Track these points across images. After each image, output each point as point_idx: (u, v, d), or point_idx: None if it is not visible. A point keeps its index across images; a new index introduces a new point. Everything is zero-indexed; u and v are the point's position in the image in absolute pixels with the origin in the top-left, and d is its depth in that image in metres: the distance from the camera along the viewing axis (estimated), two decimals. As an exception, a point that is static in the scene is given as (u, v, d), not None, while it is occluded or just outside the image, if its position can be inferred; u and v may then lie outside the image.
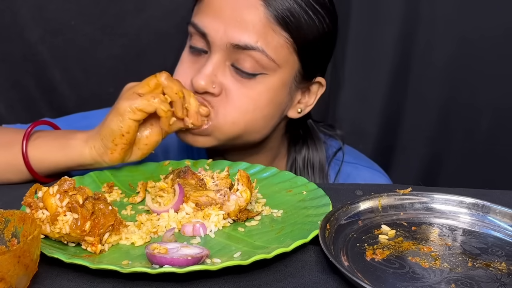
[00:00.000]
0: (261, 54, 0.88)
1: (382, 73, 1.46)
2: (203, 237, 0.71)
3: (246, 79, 0.90)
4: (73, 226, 0.64)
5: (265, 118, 0.94)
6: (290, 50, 0.91)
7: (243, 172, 0.76)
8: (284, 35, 0.89)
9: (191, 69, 0.93)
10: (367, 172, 1.12)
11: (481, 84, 1.45)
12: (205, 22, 0.90)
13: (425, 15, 1.41)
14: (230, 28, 0.88)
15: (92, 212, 0.66)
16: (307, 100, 1.00)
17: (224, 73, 0.90)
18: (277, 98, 0.93)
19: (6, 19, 1.27)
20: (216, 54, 0.90)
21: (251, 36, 0.87)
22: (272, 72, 0.90)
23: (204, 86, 0.88)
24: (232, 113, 0.90)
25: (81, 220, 0.65)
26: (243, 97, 0.90)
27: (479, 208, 0.77)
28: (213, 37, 0.89)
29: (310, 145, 1.07)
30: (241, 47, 0.88)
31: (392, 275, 0.62)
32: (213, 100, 0.90)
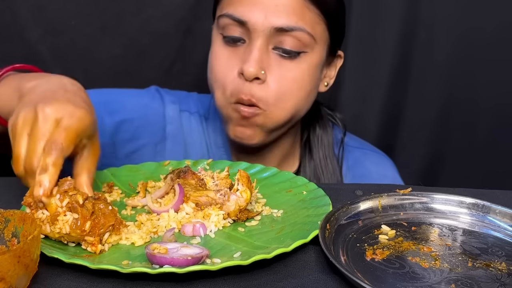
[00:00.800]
0: (302, 33, 0.93)
1: (382, 72, 1.46)
2: (203, 237, 0.71)
3: (289, 60, 0.95)
4: (73, 226, 0.64)
5: (308, 96, 0.99)
6: (323, 26, 0.96)
7: (243, 172, 0.76)
8: (316, 11, 0.94)
9: (232, 61, 0.96)
10: (374, 157, 1.17)
11: (481, 83, 1.45)
12: (244, 11, 0.93)
13: (425, 15, 1.41)
14: (270, 13, 0.92)
15: (92, 212, 0.66)
16: (329, 73, 1.06)
17: (268, 57, 0.94)
18: (316, 74, 0.99)
19: (6, 19, 1.27)
20: (259, 40, 0.93)
21: (291, 17, 0.92)
22: (311, 49, 0.95)
23: (254, 73, 0.92)
24: (280, 100, 0.95)
25: (81, 220, 0.65)
26: (288, 80, 0.95)
27: (479, 208, 0.77)
28: (254, 23, 0.92)
29: (321, 125, 1.12)
30: (284, 29, 0.92)
31: (392, 275, 0.62)
32: (259, 89, 0.93)
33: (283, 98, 0.95)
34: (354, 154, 1.14)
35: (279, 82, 0.94)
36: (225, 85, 0.96)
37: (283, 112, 0.96)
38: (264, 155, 1.07)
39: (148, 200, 0.78)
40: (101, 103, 1.00)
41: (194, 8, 1.34)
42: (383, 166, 1.16)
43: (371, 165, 1.14)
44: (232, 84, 0.95)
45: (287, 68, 0.94)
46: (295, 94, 0.96)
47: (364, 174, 1.13)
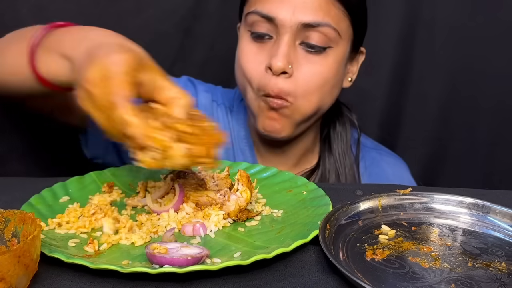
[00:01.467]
0: (329, 28, 0.95)
1: (383, 73, 1.46)
2: (203, 237, 0.71)
3: (315, 55, 0.96)
4: (186, 155, 0.65)
5: (333, 90, 1.02)
6: (347, 22, 0.99)
7: (243, 172, 0.76)
8: (341, 8, 0.97)
9: (259, 56, 0.98)
10: (390, 158, 1.20)
11: (481, 84, 1.45)
12: (272, 8, 0.95)
13: (425, 15, 1.41)
14: (298, 9, 0.94)
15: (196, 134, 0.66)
16: (352, 68, 1.08)
17: (296, 52, 0.96)
18: (340, 69, 1.01)
19: (7, 19, 1.27)
20: (286, 35, 0.95)
21: (318, 13, 0.94)
22: (336, 45, 0.98)
23: (282, 67, 0.94)
24: (307, 92, 0.97)
25: (192, 147, 0.65)
26: (315, 74, 0.97)
27: (479, 208, 0.77)
28: (282, 20, 0.94)
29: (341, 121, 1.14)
30: (311, 25, 0.94)
31: (392, 275, 0.62)
32: (286, 83, 0.96)
33: (310, 91, 0.97)
34: (371, 155, 1.17)
35: (306, 76, 0.97)
36: (253, 79, 0.99)
37: (310, 104, 0.98)
38: (286, 150, 1.09)
39: (148, 200, 0.78)
40: None
41: (194, 8, 1.34)
42: (398, 167, 1.19)
43: (387, 166, 1.17)
44: (260, 79, 0.97)
45: (313, 62, 0.97)
46: (321, 87, 0.98)
47: (381, 175, 1.15)
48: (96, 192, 0.82)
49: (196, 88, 1.13)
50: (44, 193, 0.79)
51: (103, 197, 0.80)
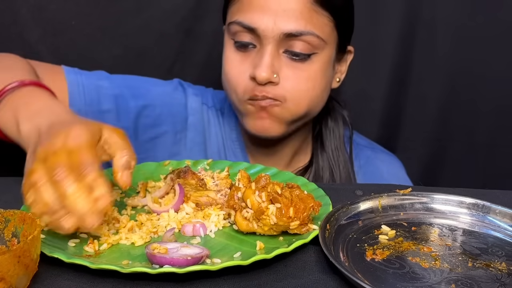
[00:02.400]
0: (312, 36, 0.95)
1: (382, 73, 1.46)
2: (203, 237, 0.71)
3: (300, 62, 0.97)
4: (278, 215, 0.67)
5: (322, 93, 1.02)
6: (332, 26, 0.98)
7: (244, 173, 0.76)
8: (324, 13, 0.96)
9: (243, 65, 0.98)
10: (384, 156, 1.21)
11: (481, 84, 1.45)
12: (254, 19, 0.95)
13: (425, 15, 1.41)
14: (279, 19, 0.93)
15: (291, 199, 0.68)
16: (340, 68, 1.08)
17: (280, 61, 0.96)
18: (327, 72, 1.01)
19: (6, 19, 1.27)
20: (269, 45, 0.95)
21: (300, 22, 0.94)
22: (321, 50, 0.97)
23: (267, 77, 0.94)
24: (296, 94, 0.97)
25: (284, 208, 0.67)
26: (302, 80, 0.97)
27: (479, 208, 0.77)
28: (264, 30, 0.94)
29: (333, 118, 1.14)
30: (293, 35, 0.94)
31: (392, 275, 0.62)
32: (274, 89, 0.96)
33: (298, 96, 0.97)
34: (365, 153, 1.17)
35: (292, 82, 0.97)
36: (238, 87, 0.99)
37: (299, 107, 0.99)
38: (278, 150, 1.09)
39: (148, 200, 0.78)
40: (127, 86, 1.05)
41: (194, 8, 1.34)
42: (393, 165, 1.19)
43: (382, 164, 1.17)
44: (245, 87, 0.98)
45: (299, 69, 0.97)
46: (309, 92, 0.98)
47: (375, 173, 1.15)
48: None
49: (185, 92, 1.12)
50: (44, 193, 0.79)
51: None
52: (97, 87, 1.02)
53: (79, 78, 1.02)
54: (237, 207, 0.70)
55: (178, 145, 1.09)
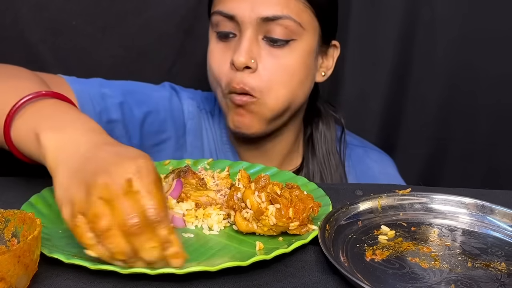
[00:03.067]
0: (289, 20, 0.95)
1: (382, 73, 1.46)
2: (202, 235, 0.71)
3: (278, 48, 0.97)
4: (278, 216, 0.67)
5: (301, 84, 1.01)
6: (310, 14, 0.99)
7: (244, 173, 0.76)
8: (302, 0, 0.97)
9: (225, 55, 0.99)
10: (375, 155, 1.20)
11: (481, 84, 1.45)
12: (232, 6, 0.96)
13: (424, 15, 1.41)
14: (257, 5, 0.95)
15: (290, 200, 0.69)
16: (327, 63, 1.08)
17: (259, 47, 0.97)
18: (308, 62, 1.00)
19: (7, 19, 1.27)
20: (248, 31, 0.96)
21: (276, 7, 0.95)
22: (299, 37, 0.97)
23: (244, 62, 0.95)
24: (273, 87, 0.97)
25: (284, 209, 0.67)
26: (279, 68, 0.97)
27: (478, 208, 0.77)
28: (242, 16, 0.95)
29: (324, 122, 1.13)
30: (270, 19, 0.95)
31: (392, 276, 0.63)
32: (251, 79, 0.96)
33: (276, 86, 0.97)
34: (356, 152, 1.16)
35: (270, 70, 0.97)
36: (221, 78, 1.00)
37: (277, 100, 0.98)
38: (268, 150, 1.09)
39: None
40: (129, 92, 1.04)
41: (194, 8, 1.34)
42: (385, 164, 1.19)
43: (373, 163, 1.16)
44: (226, 77, 0.98)
45: (277, 56, 0.97)
46: (287, 81, 0.98)
47: (367, 172, 1.14)
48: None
49: (179, 96, 1.11)
50: (44, 193, 0.79)
51: None
52: (103, 95, 1.00)
53: (83, 87, 0.98)
54: (236, 207, 0.70)
55: (180, 150, 1.09)
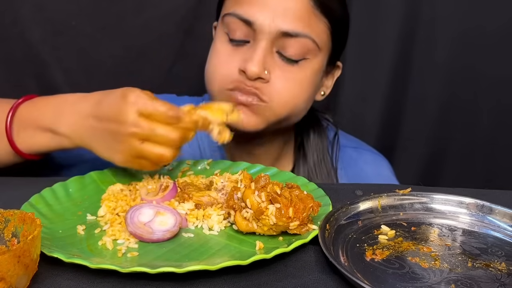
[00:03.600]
0: (308, 40, 0.93)
1: (383, 72, 1.46)
2: (202, 235, 0.71)
3: (291, 65, 0.94)
4: (278, 215, 0.67)
5: (307, 101, 1.00)
6: (328, 34, 0.97)
7: (246, 173, 0.76)
8: (324, 20, 0.94)
9: (234, 59, 0.95)
10: (368, 156, 1.17)
11: (481, 83, 1.45)
12: (252, 12, 0.92)
13: (425, 15, 1.41)
14: (278, 16, 0.91)
15: (290, 199, 0.69)
16: (327, 82, 1.06)
17: (273, 59, 0.94)
18: (316, 81, 0.99)
19: (7, 19, 1.27)
20: (264, 41, 0.92)
21: (298, 23, 0.92)
22: (313, 57, 0.95)
23: (257, 72, 0.91)
24: (284, 94, 0.95)
25: (284, 208, 0.67)
26: (291, 81, 0.95)
27: (478, 208, 0.77)
28: (261, 25, 0.92)
29: (316, 130, 1.12)
30: (290, 34, 0.92)
31: (392, 276, 0.63)
32: (263, 86, 0.93)
33: (286, 99, 0.95)
34: (348, 154, 1.14)
35: (283, 82, 0.94)
36: (224, 76, 0.95)
37: (283, 110, 0.95)
38: (258, 156, 1.07)
39: (142, 191, 0.78)
40: None
41: (194, 8, 1.34)
42: (378, 165, 1.17)
43: (365, 164, 1.15)
44: (233, 80, 0.94)
45: (290, 72, 0.94)
46: (297, 95, 0.96)
47: (359, 174, 1.13)
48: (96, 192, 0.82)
49: None
50: (44, 193, 0.79)
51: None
52: None
53: None
54: (236, 207, 0.70)
55: None
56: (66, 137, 0.83)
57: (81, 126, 0.81)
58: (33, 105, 0.88)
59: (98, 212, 0.75)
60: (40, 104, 0.88)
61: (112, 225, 0.72)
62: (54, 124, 0.83)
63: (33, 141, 0.86)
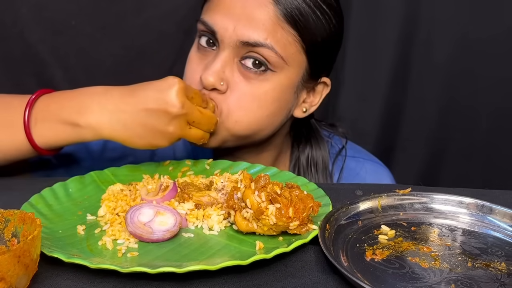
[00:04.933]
0: (270, 51, 0.89)
1: (382, 73, 1.47)
2: (202, 235, 0.71)
3: (253, 75, 0.90)
4: (278, 215, 0.67)
5: (270, 117, 0.94)
6: (299, 48, 0.92)
7: (246, 173, 0.76)
8: (293, 33, 0.90)
9: (199, 66, 0.94)
10: (369, 165, 1.14)
11: (481, 84, 1.46)
12: (215, 20, 0.90)
13: (425, 15, 1.41)
14: (240, 26, 0.88)
15: (290, 199, 0.69)
16: (312, 99, 1.01)
17: (232, 69, 0.91)
18: (283, 96, 0.94)
19: (6, 19, 1.27)
20: (225, 51, 0.90)
21: (260, 33, 0.88)
22: (280, 70, 0.91)
23: (213, 83, 0.89)
24: (235, 111, 0.91)
25: (284, 208, 0.67)
26: (248, 96, 0.91)
27: (478, 208, 0.77)
28: (222, 34, 0.90)
29: (313, 144, 1.08)
30: (251, 44, 0.89)
31: (392, 276, 0.63)
32: (218, 97, 0.91)
33: (239, 113, 0.91)
34: (348, 164, 1.11)
35: (238, 97, 0.91)
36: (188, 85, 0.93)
37: (237, 124, 0.92)
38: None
39: (142, 190, 0.78)
40: None
41: (194, 8, 1.34)
42: (378, 174, 1.14)
43: (365, 174, 1.12)
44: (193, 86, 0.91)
45: (250, 84, 0.91)
46: (253, 111, 0.92)
47: None
48: (96, 192, 0.82)
49: None
50: (44, 193, 0.79)
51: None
52: None
53: None
54: (236, 207, 0.70)
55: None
56: (91, 129, 0.83)
57: (111, 118, 0.82)
58: (51, 98, 0.87)
59: (98, 212, 0.75)
60: (59, 98, 0.87)
61: (112, 225, 0.72)
62: (77, 116, 0.83)
63: (51, 134, 0.85)
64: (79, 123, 0.83)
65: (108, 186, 0.82)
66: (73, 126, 0.84)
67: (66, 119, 0.84)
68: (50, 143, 0.86)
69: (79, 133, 0.84)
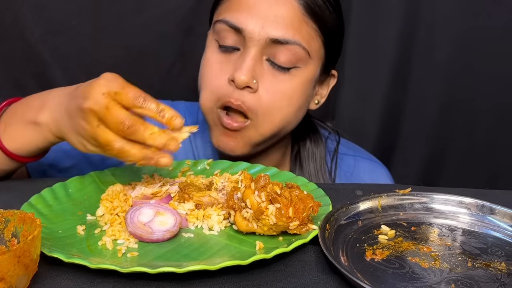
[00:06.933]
0: (298, 47, 0.91)
1: (382, 72, 1.47)
2: (202, 235, 0.71)
3: (282, 72, 0.92)
4: (278, 215, 0.67)
5: (297, 111, 0.97)
6: (319, 42, 0.95)
7: (247, 173, 0.76)
8: (315, 27, 0.93)
9: (224, 68, 0.93)
10: (367, 164, 1.16)
11: (481, 83, 1.46)
12: (241, 19, 0.91)
13: (425, 15, 1.41)
14: (268, 23, 0.90)
15: (290, 199, 0.69)
16: (321, 91, 1.04)
17: (262, 67, 0.92)
18: (307, 90, 0.97)
19: (7, 19, 1.27)
20: (253, 49, 0.91)
21: (288, 30, 0.90)
22: (304, 65, 0.94)
23: (246, 81, 0.90)
24: (270, 112, 0.93)
25: (284, 208, 0.67)
26: (279, 94, 0.93)
27: (478, 208, 0.77)
28: (250, 32, 0.90)
29: (312, 139, 1.10)
30: (280, 42, 0.90)
31: (392, 275, 0.63)
32: (250, 99, 0.91)
33: (273, 110, 0.93)
34: (346, 162, 1.13)
35: (270, 93, 0.92)
36: (214, 89, 0.94)
37: (271, 125, 0.94)
38: None
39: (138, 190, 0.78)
40: None
41: (195, 8, 1.34)
42: (376, 173, 1.15)
43: (363, 173, 1.13)
44: (222, 89, 0.93)
45: (279, 80, 0.93)
46: (285, 107, 0.94)
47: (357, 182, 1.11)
48: (96, 192, 0.82)
49: None
50: (44, 193, 0.79)
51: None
52: None
53: None
54: (236, 207, 0.70)
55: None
56: (46, 127, 0.80)
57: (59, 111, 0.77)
58: (19, 103, 0.86)
59: (96, 212, 0.75)
60: (26, 100, 0.85)
61: (112, 225, 0.72)
62: (37, 114, 0.80)
63: (19, 135, 0.83)
64: (37, 120, 0.81)
65: (108, 186, 0.82)
66: (35, 125, 0.81)
67: (29, 118, 0.82)
68: (20, 146, 0.83)
69: (41, 132, 0.81)
